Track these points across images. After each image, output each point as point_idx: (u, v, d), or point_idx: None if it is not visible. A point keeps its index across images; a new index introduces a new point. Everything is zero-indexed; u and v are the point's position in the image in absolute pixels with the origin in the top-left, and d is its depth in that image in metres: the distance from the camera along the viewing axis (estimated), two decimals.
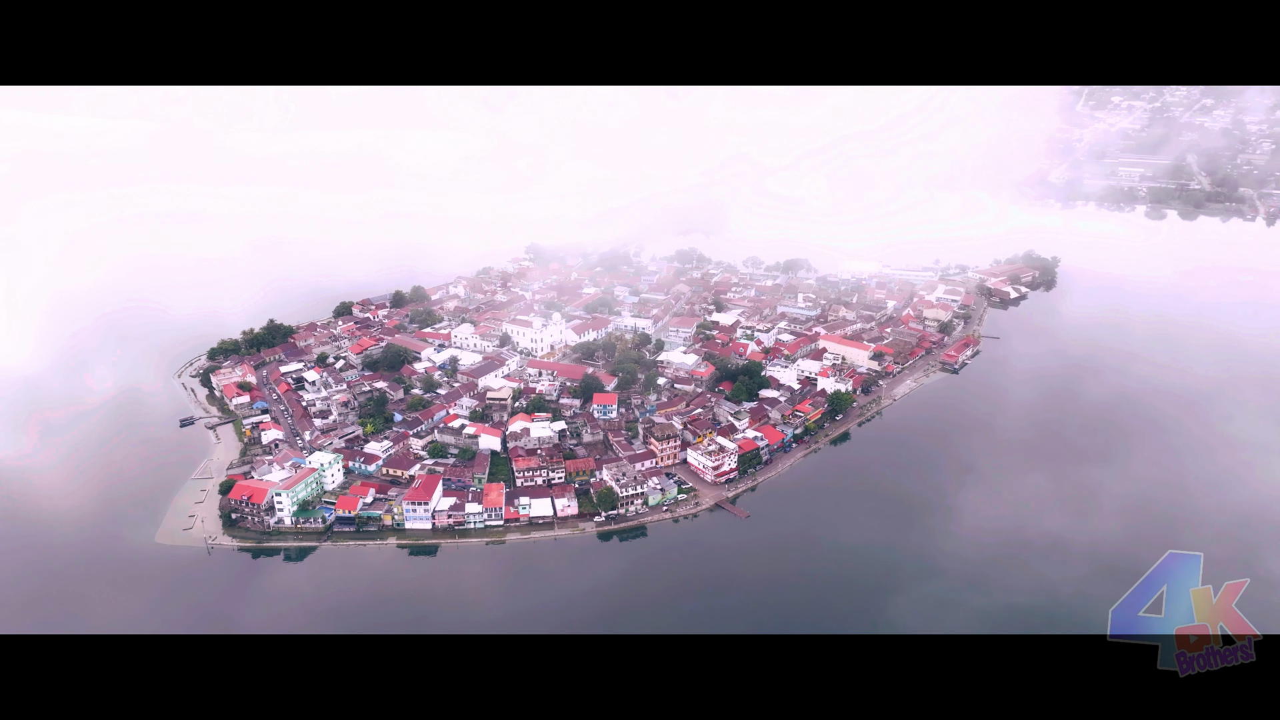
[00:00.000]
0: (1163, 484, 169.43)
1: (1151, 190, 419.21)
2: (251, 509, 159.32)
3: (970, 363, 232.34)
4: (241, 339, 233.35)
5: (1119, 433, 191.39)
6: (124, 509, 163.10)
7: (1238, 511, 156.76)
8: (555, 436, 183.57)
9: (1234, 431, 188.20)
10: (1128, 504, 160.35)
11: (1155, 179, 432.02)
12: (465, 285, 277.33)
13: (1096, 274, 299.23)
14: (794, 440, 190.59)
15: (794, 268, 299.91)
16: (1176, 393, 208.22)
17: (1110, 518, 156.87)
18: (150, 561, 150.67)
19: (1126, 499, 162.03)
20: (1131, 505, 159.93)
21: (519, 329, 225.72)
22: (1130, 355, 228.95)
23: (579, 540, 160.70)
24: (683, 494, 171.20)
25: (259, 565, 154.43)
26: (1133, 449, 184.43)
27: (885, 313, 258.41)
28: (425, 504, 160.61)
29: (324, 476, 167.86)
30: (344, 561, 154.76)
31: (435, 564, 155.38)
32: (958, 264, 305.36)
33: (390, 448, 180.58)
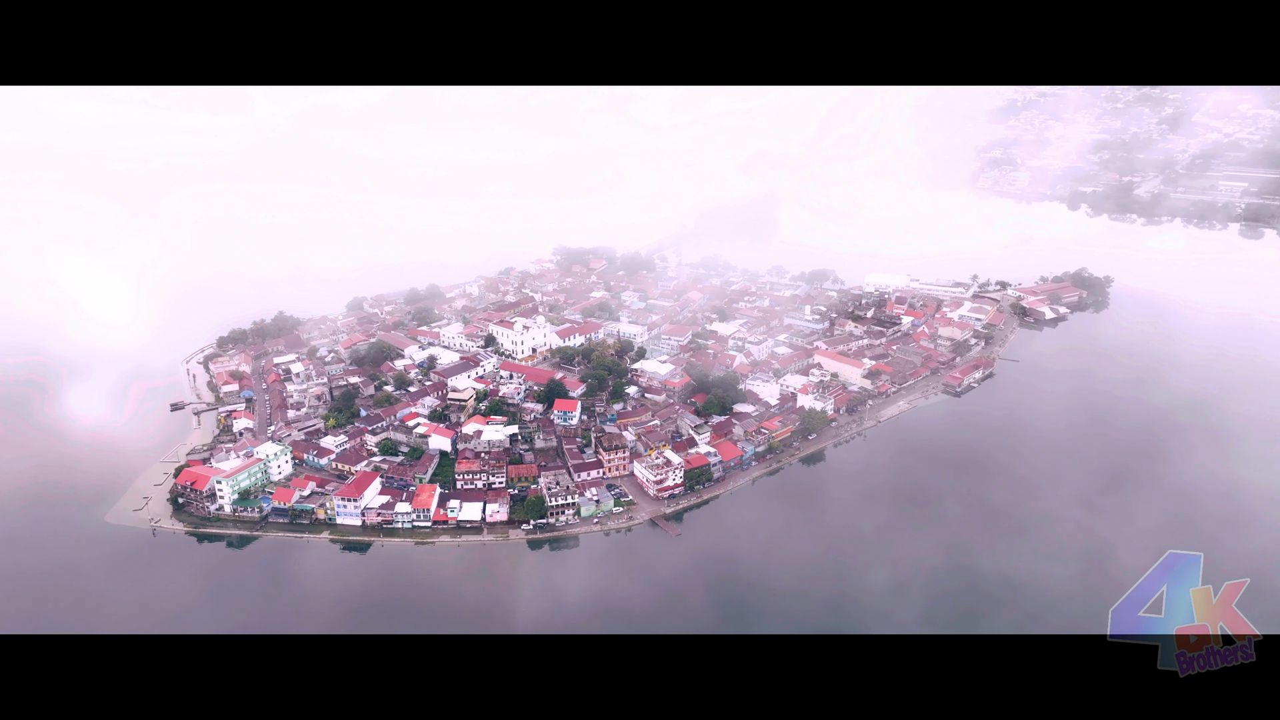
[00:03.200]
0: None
1: (1250, 207, 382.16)
2: (194, 494, 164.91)
3: (977, 386, 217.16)
4: (251, 329, 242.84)
5: (1093, 475, 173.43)
6: (86, 486, 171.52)
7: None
8: (506, 441, 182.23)
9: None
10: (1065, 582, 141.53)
11: (1262, 194, 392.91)
12: (481, 285, 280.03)
13: (1157, 296, 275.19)
14: (755, 458, 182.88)
15: (819, 278, 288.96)
16: (1187, 434, 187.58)
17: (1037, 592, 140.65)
18: (90, 539, 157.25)
19: (1069, 564, 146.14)
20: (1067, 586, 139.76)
21: (503, 331, 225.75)
22: (1160, 390, 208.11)
23: (504, 547, 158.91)
24: (619, 506, 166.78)
25: (196, 550, 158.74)
26: (1101, 503, 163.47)
27: (898, 329, 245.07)
28: (356, 501, 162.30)
29: (270, 467, 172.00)
30: (276, 552, 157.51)
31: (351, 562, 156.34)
32: (998, 280, 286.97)
33: (345, 443, 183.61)
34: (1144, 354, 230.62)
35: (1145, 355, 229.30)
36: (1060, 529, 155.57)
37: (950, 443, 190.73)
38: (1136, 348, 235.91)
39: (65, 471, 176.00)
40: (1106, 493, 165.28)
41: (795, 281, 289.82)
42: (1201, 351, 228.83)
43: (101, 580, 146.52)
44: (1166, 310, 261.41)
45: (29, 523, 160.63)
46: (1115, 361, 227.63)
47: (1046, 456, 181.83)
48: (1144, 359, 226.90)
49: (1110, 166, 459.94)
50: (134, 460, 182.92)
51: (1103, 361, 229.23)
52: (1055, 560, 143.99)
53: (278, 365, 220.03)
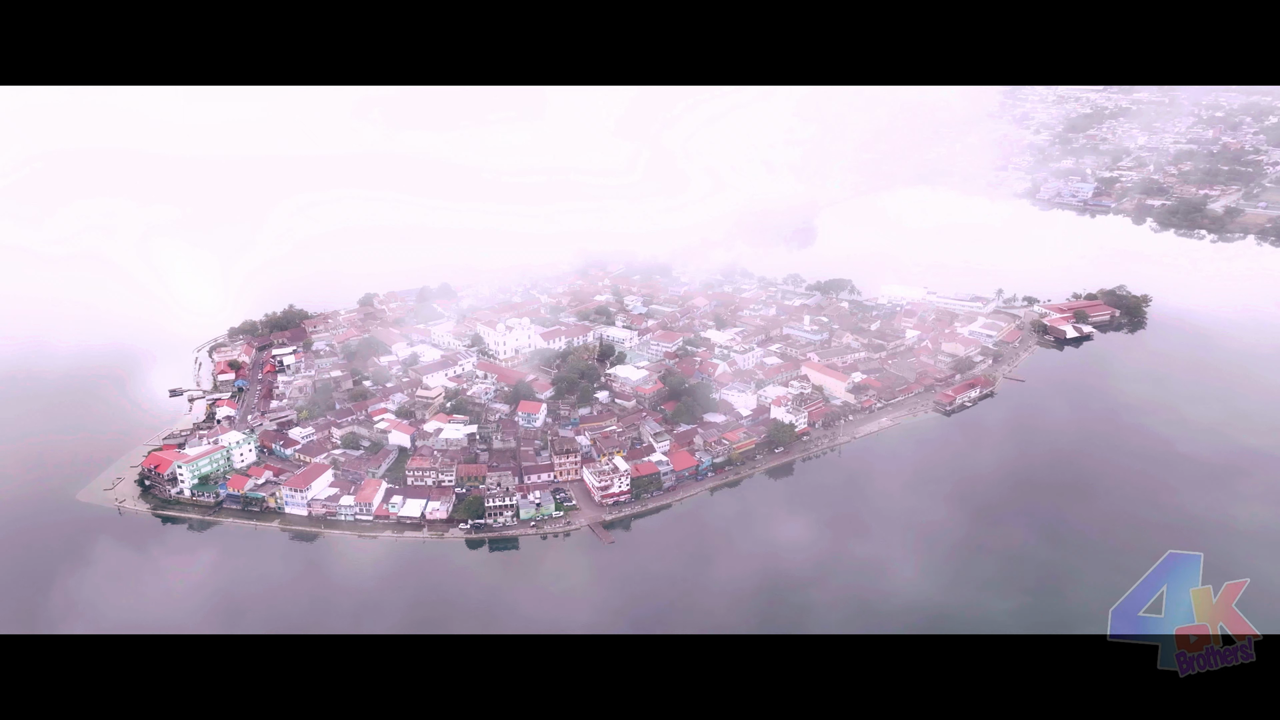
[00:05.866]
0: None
1: None
2: (157, 478, 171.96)
3: (971, 405, 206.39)
4: (261, 320, 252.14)
5: (1056, 505, 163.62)
6: (66, 464, 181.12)
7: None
8: (464, 440, 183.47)
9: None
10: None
11: None
12: (492, 285, 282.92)
13: (1202, 317, 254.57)
14: (712, 469, 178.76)
15: (835, 288, 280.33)
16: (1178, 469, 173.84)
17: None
18: (56, 514, 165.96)
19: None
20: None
21: (488, 330, 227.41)
22: (1164, 419, 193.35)
23: (440, 546, 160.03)
24: (560, 511, 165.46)
25: (152, 531, 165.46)
26: (1062, 533, 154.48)
27: (901, 343, 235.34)
28: (304, 491, 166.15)
29: (233, 455, 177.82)
30: (224, 539, 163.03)
31: (280, 551, 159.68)
32: (1026, 296, 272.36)
33: (312, 434, 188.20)
34: (1161, 379, 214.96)
35: (1162, 381, 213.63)
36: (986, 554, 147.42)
37: (919, 460, 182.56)
38: (1158, 373, 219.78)
39: (53, 449, 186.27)
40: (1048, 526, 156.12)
41: (810, 291, 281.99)
42: (1230, 379, 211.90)
43: (38, 553, 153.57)
44: (1207, 334, 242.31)
45: (6, 496, 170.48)
46: (1126, 385, 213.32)
47: (1004, 483, 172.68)
48: (1159, 384, 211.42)
49: (1189, 179, 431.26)
50: (121, 441, 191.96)
51: (1113, 385, 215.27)
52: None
53: (275, 356, 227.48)
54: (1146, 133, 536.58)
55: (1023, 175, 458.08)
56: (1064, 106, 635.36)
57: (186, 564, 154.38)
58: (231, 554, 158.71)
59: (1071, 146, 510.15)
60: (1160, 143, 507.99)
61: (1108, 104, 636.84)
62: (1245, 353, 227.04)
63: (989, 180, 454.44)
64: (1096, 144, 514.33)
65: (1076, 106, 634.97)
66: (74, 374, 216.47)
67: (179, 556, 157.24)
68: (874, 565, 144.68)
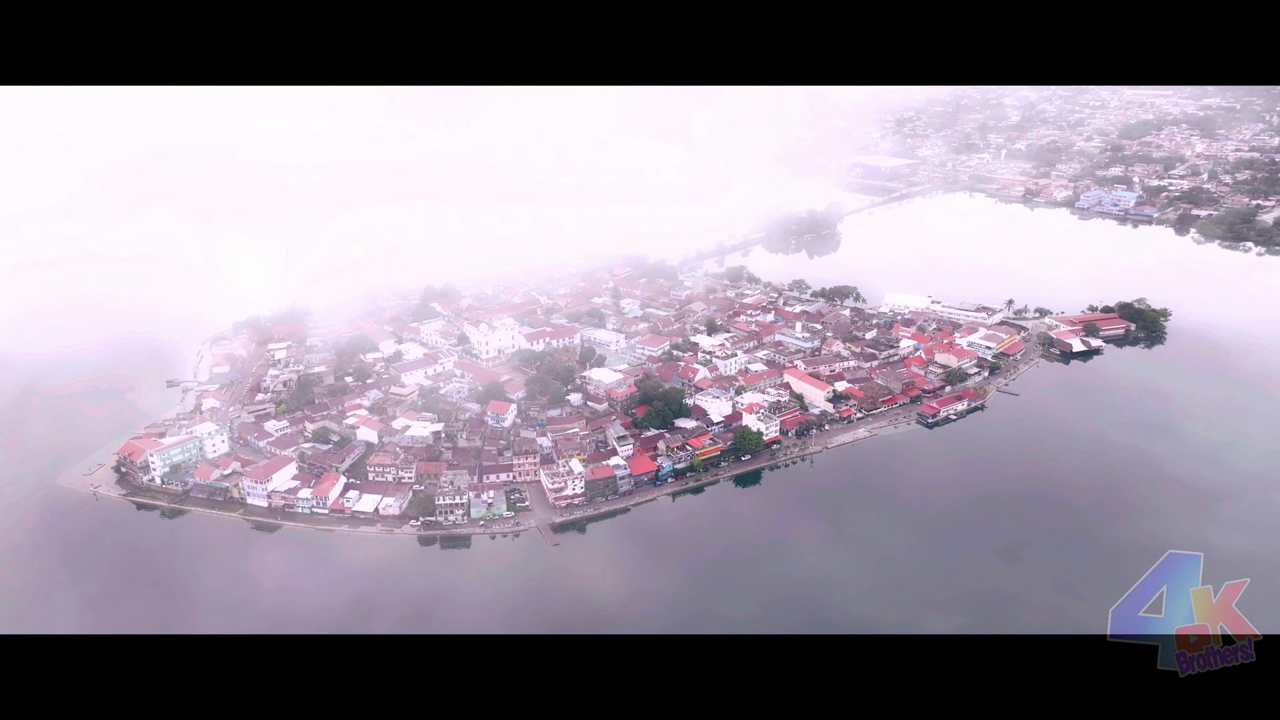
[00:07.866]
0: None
1: None
2: (130, 465, 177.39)
3: (955, 418, 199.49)
4: (266, 316, 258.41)
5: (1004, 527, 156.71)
6: (53, 449, 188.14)
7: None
8: (429, 438, 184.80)
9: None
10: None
11: None
12: (494, 285, 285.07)
13: (1224, 333, 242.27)
14: (673, 474, 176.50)
15: (839, 295, 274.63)
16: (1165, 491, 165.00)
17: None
18: (33, 497, 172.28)
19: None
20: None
21: (474, 330, 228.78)
22: (1162, 439, 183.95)
23: (391, 541, 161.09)
24: (512, 511, 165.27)
25: (120, 518, 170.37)
26: (1019, 553, 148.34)
27: (895, 352, 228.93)
28: (264, 483, 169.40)
29: (205, 445, 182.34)
30: (188, 528, 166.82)
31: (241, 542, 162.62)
32: (1038, 307, 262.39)
33: (286, 428, 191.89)
34: (1162, 396, 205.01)
35: (1163, 398, 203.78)
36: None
37: (881, 472, 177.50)
38: (1161, 389, 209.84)
39: (52, 437, 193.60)
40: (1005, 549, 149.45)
41: (814, 298, 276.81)
42: (1237, 397, 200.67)
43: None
44: (1226, 349, 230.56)
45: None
46: (1122, 402, 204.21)
47: (962, 497, 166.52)
48: (1159, 401, 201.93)
49: (1243, 188, 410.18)
50: (109, 428, 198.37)
51: (1108, 401, 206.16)
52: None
53: (270, 350, 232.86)
54: (1207, 139, 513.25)
55: (1065, 183, 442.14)
56: (1126, 113, 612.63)
57: (130, 554, 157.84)
58: (176, 545, 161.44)
59: (1121, 154, 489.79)
60: (1220, 150, 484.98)
61: (1173, 109, 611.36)
62: (1259, 370, 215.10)
63: (1029, 187, 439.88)
64: (1151, 151, 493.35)
65: (1139, 112, 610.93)
66: (104, 368, 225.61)
67: (125, 546, 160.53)
68: (817, 572, 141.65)
